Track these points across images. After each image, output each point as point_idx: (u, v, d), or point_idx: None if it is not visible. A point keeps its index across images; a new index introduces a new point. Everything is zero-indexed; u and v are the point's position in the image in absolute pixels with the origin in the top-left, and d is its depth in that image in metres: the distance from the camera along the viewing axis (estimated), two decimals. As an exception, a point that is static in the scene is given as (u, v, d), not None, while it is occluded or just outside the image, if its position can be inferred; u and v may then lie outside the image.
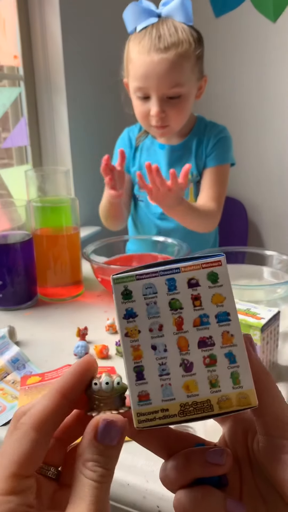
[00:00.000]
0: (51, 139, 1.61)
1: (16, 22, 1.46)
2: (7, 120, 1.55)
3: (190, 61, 0.95)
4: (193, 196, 1.13)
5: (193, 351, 0.26)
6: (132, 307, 0.26)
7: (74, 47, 1.56)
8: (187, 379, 0.25)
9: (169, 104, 0.98)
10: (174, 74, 0.94)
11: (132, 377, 0.26)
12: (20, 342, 0.77)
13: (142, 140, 1.16)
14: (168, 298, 0.26)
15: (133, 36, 0.98)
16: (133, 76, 0.98)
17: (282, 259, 0.91)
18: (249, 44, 1.90)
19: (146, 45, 0.93)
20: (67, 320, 0.84)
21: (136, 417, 0.25)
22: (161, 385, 0.25)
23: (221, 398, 0.25)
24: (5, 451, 0.24)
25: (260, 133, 1.98)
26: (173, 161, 1.12)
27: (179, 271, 0.26)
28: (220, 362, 0.26)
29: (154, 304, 0.26)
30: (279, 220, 2.07)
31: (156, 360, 0.26)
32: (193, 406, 0.25)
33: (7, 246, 0.87)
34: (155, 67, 0.93)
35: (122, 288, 0.26)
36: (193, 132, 1.11)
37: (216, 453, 0.26)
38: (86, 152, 1.70)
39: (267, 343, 0.64)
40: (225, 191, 1.12)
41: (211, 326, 0.26)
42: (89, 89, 1.68)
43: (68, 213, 0.91)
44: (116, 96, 1.60)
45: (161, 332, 0.26)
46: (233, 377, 0.25)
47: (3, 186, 1.52)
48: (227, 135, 1.12)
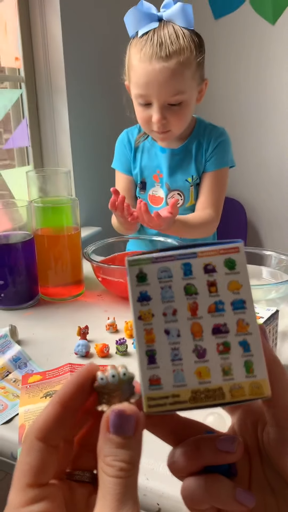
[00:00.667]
0: (52, 140, 1.62)
1: (17, 24, 1.47)
2: (9, 121, 1.56)
3: (191, 68, 0.96)
4: (193, 198, 1.14)
5: (207, 338, 0.25)
6: (146, 290, 0.25)
7: (75, 49, 1.57)
8: (199, 366, 0.25)
9: (170, 110, 0.98)
10: (176, 83, 0.94)
11: (143, 360, 0.25)
12: (21, 341, 0.77)
13: (142, 141, 1.16)
14: (184, 282, 0.25)
15: (135, 42, 0.98)
16: (134, 83, 0.98)
17: (281, 259, 0.91)
18: (248, 46, 1.91)
19: (147, 53, 0.93)
20: (68, 319, 0.84)
21: (146, 401, 0.25)
22: (173, 370, 0.25)
23: (234, 387, 0.25)
24: (18, 466, 0.25)
25: (259, 134, 1.99)
26: (174, 165, 1.12)
27: (196, 256, 0.26)
28: (234, 350, 0.25)
29: (169, 288, 0.26)
30: (278, 220, 2.07)
31: (169, 344, 0.25)
32: (204, 393, 0.25)
33: (9, 246, 0.88)
34: (157, 76, 0.93)
35: (137, 270, 0.26)
36: (192, 135, 1.12)
37: (227, 441, 0.26)
38: (86, 153, 1.71)
39: None
40: (224, 194, 1.13)
41: (226, 313, 0.25)
42: (90, 90, 1.69)
43: (69, 214, 0.92)
44: (116, 97, 1.60)
45: (175, 316, 0.25)
46: (246, 366, 0.25)
47: (4, 186, 1.53)
48: (226, 138, 1.12)
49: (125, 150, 1.18)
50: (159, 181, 1.14)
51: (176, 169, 1.12)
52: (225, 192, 1.14)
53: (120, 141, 1.20)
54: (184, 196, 1.13)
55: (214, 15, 1.90)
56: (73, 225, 0.93)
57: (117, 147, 1.21)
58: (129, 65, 1.00)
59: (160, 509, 0.46)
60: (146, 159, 1.15)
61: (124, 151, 1.18)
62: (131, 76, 1.00)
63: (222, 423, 0.53)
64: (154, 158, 1.14)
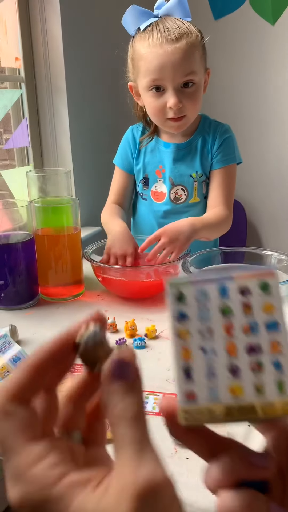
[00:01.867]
0: (52, 141, 1.62)
1: (17, 24, 1.47)
2: (9, 121, 1.56)
3: (199, 50, 0.98)
4: (197, 195, 1.13)
5: (241, 356, 0.27)
6: (185, 310, 0.27)
7: (75, 49, 1.57)
8: (233, 383, 0.26)
9: (185, 94, 0.99)
10: (188, 62, 0.96)
11: (180, 376, 0.26)
12: (21, 341, 0.77)
13: (145, 144, 1.16)
14: (220, 304, 0.27)
15: (138, 36, 0.99)
16: (146, 71, 0.98)
17: (281, 259, 0.91)
18: (248, 47, 1.91)
19: (156, 39, 0.95)
20: (68, 320, 0.85)
21: (183, 414, 0.26)
22: (208, 386, 0.26)
23: (266, 404, 0.26)
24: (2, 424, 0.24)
25: (259, 135, 1.99)
26: (178, 159, 1.12)
27: (232, 279, 0.28)
28: (267, 369, 0.26)
29: (206, 309, 0.27)
30: (278, 220, 2.07)
31: (205, 362, 0.27)
32: (238, 409, 0.26)
33: (9, 246, 0.88)
34: (170, 57, 0.95)
35: (177, 291, 0.27)
36: (198, 131, 1.12)
37: (260, 456, 0.26)
38: (86, 153, 1.71)
39: None
40: (233, 191, 1.14)
41: (260, 333, 0.27)
42: (90, 90, 1.69)
43: (69, 214, 0.92)
44: (117, 97, 1.60)
45: (211, 335, 0.27)
46: (279, 385, 0.26)
47: (4, 186, 1.53)
48: (231, 135, 1.13)
49: (128, 147, 1.19)
50: (161, 176, 1.14)
51: (180, 164, 1.13)
52: (234, 188, 1.15)
53: (125, 138, 1.21)
54: (188, 191, 1.13)
55: (214, 15, 1.90)
56: (73, 225, 0.93)
57: (121, 143, 1.22)
58: (136, 57, 1.00)
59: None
60: (150, 155, 1.16)
61: (126, 148, 1.19)
62: (139, 66, 1.00)
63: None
64: (157, 154, 1.15)
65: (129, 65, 1.04)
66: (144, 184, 1.18)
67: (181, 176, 1.13)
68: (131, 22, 0.99)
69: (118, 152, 1.21)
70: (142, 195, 1.19)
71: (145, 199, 1.19)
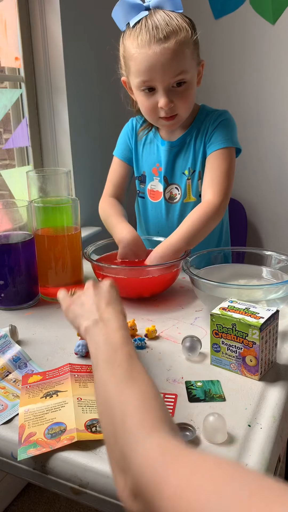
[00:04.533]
0: (52, 140, 1.62)
1: (17, 24, 1.47)
2: (9, 121, 1.56)
3: (189, 47, 0.95)
4: (192, 194, 1.11)
5: None
6: None
7: (75, 49, 1.57)
8: None
9: (176, 93, 0.97)
10: (178, 62, 0.94)
11: None
12: (21, 341, 0.77)
13: (144, 134, 1.15)
14: None
15: (128, 33, 0.97)
16: (136, 72, 0.97)
17: (281, 259, 0.91)
18: (248, 47, 1.91)
19: (144, 39, 0.93)
20: (68, 320, 0.85)
21: None
22: None
23: None
24: None
25: (259, 135, 1.99)
26: (172, 158, 1.11)
27: None
28: None
29: None
30: (278, 220, 2.07)
31: None
32: None
33: (9, 246, 0.88)
34: (159, 58, 0.93)
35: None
36: (194, 123, 1.10)
37: None
38: (86, 153, 1.71)
39: (265, 342, 0.64)
40: (229, 175, 1.03)
41: None
42: (90, 90, 1.69)
43: (69, 214, 0.92)
44: (117, 97, 1.60)
45: None
46: None
47: (4, 186, 1.53)
48: (227, 117, 1.07)
49: (127, 137, 1.17)
50: (158, 174, 1.13)
51: (174, 162, 1.11)
52: (231, 174, 1.03)
53: (125, 128, 1.19)
54: (181, 190, 1.12)
55: (214, 15, 1.90)
56: (73, 225, 0.93)
57: (121, 133, 1.20)
58: (126, 56, 0.98)
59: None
60: (148, 152, 1.15)
61: (125, 138, 1.18)
62: (130, 66, 0.98)
63: (222, 423, 0.53)
64: (155, 151, 1.14)
65: (121, 62, 1.03)
66: (141, 181, 1.17)
67: (175, 175, 1.12)
68: (120, 16, 0.97)
69: (118, 142, 1.20)
70: (139, 192, 1.19)
71: (142, 196, 1.18)
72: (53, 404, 0.59)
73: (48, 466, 0.52)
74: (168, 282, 0.96)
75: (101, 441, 0.53)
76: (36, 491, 1.50)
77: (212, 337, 0.68)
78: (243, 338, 0.64)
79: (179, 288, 1.00)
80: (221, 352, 0.67)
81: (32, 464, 0.53)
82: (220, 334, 0.67)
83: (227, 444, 0.53)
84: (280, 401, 0.60)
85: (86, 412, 0.57)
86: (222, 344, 0.67)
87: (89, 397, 0.60)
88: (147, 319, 0.85)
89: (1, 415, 0.59)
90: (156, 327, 0.80)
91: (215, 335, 0.67)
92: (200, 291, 0.84)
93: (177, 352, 0.73)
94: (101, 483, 0.49)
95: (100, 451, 0.52)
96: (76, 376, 0.65)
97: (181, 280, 1.02)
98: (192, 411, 0.58)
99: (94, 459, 0.51)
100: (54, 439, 0.53)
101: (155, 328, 0.79)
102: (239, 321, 0.64)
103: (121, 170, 1.17)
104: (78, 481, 0.50)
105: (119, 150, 1.18)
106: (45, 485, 0.53)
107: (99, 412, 0.47)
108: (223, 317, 0.66)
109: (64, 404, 0.59)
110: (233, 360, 0.66)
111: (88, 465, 0.51)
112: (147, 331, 0.78)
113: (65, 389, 0.62)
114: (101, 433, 0.54)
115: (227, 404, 0.60)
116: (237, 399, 0.61)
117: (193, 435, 0.53)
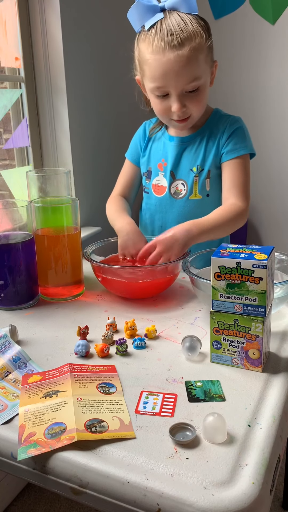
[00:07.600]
0: (52, 140, 1.62)
1: (17, 24, 1.47)
2: (9, 121, 1.56)
3: (203, 53, 0.96)
4: (198, 192, 1.12)
5: None
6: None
7: (75, 49, 1.57)
8: None
9: (189, 97, 0.99)
10: (191, 69, 0.95)
11: None
12: (21, 341, 0.77)
13: (156, 132, 1.17)
14: None
15: (143, 36, 0.97)
16: (150, 77, 0.98)
17: (281, 259, 0.91)
18: (248, 47, 1.91)
19: (159, 45, 0.93)
20: (68, 320, 0.85)
21: None
22: None
23: None
24: None
25: (259, 135, 1.99)
26: (180, 153, 1.12)
27: None
28: None
29: None
30: (278, 220, 2.07)
31: None
32: None
33: (9, 246, 0.88)
34: (173, 65, 0.94)
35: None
36: (206, 124, 1.11)
37: None
38: (86, 153, 1.71)
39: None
40: (248, 182, 1.10)
41: None
42: (90, 90, 1.69)
43: (69, 214, 0.92)
44: (117, 97, 1.61)
45: None
46: None
47: (4, 186, 1.53)
48: (242, 125, 1.11)
49: (138, 140, 1.20)
50: (163, 169, 1.14)
51: (182, 158, 1.12)
52: (248, 179, 1.10)
53: (137, 132, 1.22)
54: (187, 186, 1.12)
55: (214, 15, 1.90)
56: (73, 225, 0.93)
57: (134, 136, 1.23)
58: (141, 59, 0.99)
59: (160, 509, 0.46)
60: (155, 148, 1.16)
61: (136, 141, 1.21)
62: (144, 70, 0.99)
63: (222, 423, 0.53)
64: (161, 147, 1.15)
65: (136, 63, 1.04)
66: (147, 177, 1.18)
67: (182, 170, 1.12)
68: (136, 18, 0.97)
69: (130, 145, 1.23)
70: (145, 188, 1.20)
71: (147, 192, 1.19)
72: (53, 404, 0.59)
73: (48, 466, 0.52)
74: (168, 283, 0.96)
75: (101, 441, 0.53)
76: (36, 491, 1.50)
77: (212, 335, 0.68)
78: (246, 333, 0.65)
79: (179, 288, 1.00)
80: (222, 349, 0.68)
81: (32, 464, 0.53)
82: (221, 331, 0.67)
83: (227, 444, 0.53)
84: (280, 401, 0.60)
85: (86, 412, 0.57)
86: (224, 340, 0.67)
87: (89, 397, 0.60)
88: (147, 319, 0.85)
89: (1, 415, 0.59)
90: (156, 327, 0.80)
91: (216, 332, 0.68)
92: (200, 291, 0.84)
93: (177, 352, 0.73)
94: (101, 483, 0.49)
95: (100, 451, 0.52)
96: (76, 376, 0.65)
97: (181, 280, 1.02)
98: (192, 411, 0.58)
99: (94, 459, 0.51)
100: (54, 439, 0.53)
101: (155, 328, 0.79)
102: (241, 316, 0.65)
103: (130, 172, 1.22)
104: (78, 481, 0.50)
105: (130, 153, 1.22)
106: (45, 485, 0.53)
107: None
108: (224, 314, 0.66)
109: (64, 404, 0.59)
110: (235, 355, 0.67)
111: (88, 465, 0.51)
112: (147, 331, 0.78)
113: (65, 389, 0.62)
114: (101, 433, 0.54)
115: (227, 404, 0.60)
116: (237, 399, 0.61)
117: (193, 435, 0.53)
